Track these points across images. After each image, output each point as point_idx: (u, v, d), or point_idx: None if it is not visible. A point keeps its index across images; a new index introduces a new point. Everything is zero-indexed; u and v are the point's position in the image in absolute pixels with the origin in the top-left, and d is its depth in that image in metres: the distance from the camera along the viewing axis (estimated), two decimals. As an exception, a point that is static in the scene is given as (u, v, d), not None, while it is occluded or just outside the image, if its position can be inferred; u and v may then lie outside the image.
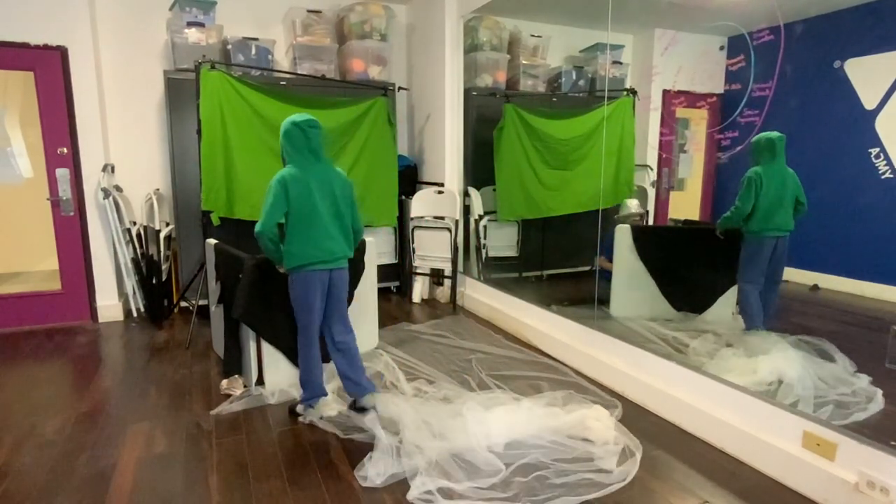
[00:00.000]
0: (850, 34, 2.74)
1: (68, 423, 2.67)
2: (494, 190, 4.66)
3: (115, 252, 4.22)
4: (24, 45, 3.86)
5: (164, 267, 4.24)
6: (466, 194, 4.77)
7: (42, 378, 3.22)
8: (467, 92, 4.67)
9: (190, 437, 2.52)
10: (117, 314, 4.32)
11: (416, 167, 5.29)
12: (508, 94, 4.74)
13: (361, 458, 2.28)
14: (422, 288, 4.91)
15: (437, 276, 4.89)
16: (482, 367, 3.28)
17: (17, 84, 4.08)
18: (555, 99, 5.04)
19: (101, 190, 4.09)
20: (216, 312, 3.42)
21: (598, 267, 3.87)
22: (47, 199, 4.08)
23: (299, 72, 4.55)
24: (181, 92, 4.09)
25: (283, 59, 4.87)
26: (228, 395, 2.92)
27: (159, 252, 4.16)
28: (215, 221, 3.85)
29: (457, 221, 4.62)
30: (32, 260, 4.39)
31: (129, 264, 4.19)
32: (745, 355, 2.85)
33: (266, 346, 2.93)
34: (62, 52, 3.95)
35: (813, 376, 2.57)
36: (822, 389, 2.49)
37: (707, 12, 3.43)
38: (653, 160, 4.18)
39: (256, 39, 4.41)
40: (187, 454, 2.38)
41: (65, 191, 4.09)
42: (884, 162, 2.60)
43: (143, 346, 3.76)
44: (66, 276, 4.20)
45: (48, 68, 3.94)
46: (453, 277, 4.70)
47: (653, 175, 4.19)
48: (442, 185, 4.78)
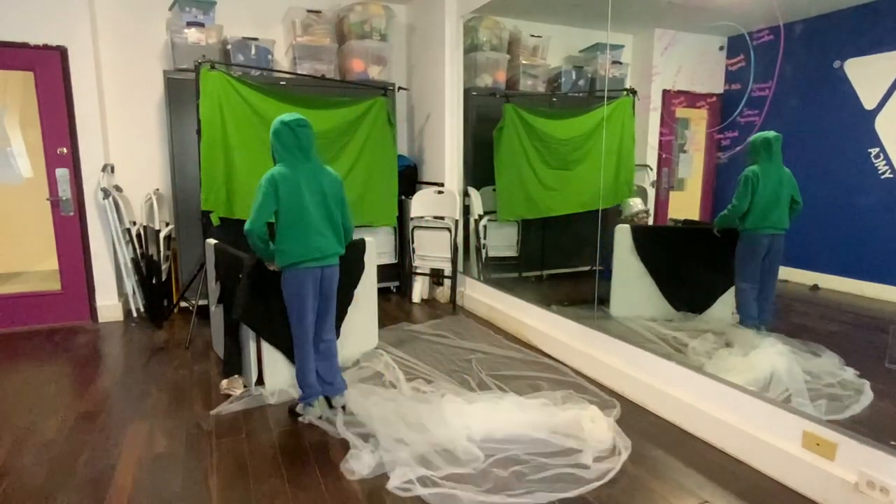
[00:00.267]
0: (849, 34, 2.74)
1: (68, 423, 2.67)
2: (494, 190, 4.65)
3: (115, 252, 4.22)
4: (24, 45, 3.86)
5: (163, 267, 4.23)
6: (466, 194, 4.77)
7: (42, 378, 3.22)
8: (467, 92, 4.67)
9: (190, 437, 2.52)
10: (117, 314, 4.32)
11: (416, 167, 5.29)
12: (508, 94, 4.74)
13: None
14: (422, 288, 4.91)
15: (436, 276, 4.89)
16: (482, 367, 3.28)
17: (17, 84, 4.08)
18: (555, 99, 5.04)
19: (101, 190, 4.09)
20: (216, 312, 3.42)
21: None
22: (47, 200, 4.08)
23: (299, 72, 4.55)
24: (181, 92, 4.09)
25: (282, 59, 4.87)
26: (228, 395, 2.92)
27: (159, 252, 4.16)
28: (215, 221, 3.85)
29: (457, 221, 4.62)
30: (32, 260, 4.39)
31: (129, 264, 4.19)
32: (741, 354, 2.86)
33: (266, 346, 2.93)
34: (62, 52, 3.95)
35: (799, 371, 2.60)
36: (809, 382, 2.53)
37: (707, 12, 3.43)
38: (653, 160, 4.17)
39: (256, 39, 4.41)
40: (187, 454, 2.38)
41: (64, 191, 4.09)
42: (883, 162, 2.60)
43: (142, 346, 3.76)
44: (66, 276, 4.20)
45: (48, 68, 3.94)
46: (453, 277, 4.70)
47: (652, 175, 4.19)
48: (442, 185, 4.78)
